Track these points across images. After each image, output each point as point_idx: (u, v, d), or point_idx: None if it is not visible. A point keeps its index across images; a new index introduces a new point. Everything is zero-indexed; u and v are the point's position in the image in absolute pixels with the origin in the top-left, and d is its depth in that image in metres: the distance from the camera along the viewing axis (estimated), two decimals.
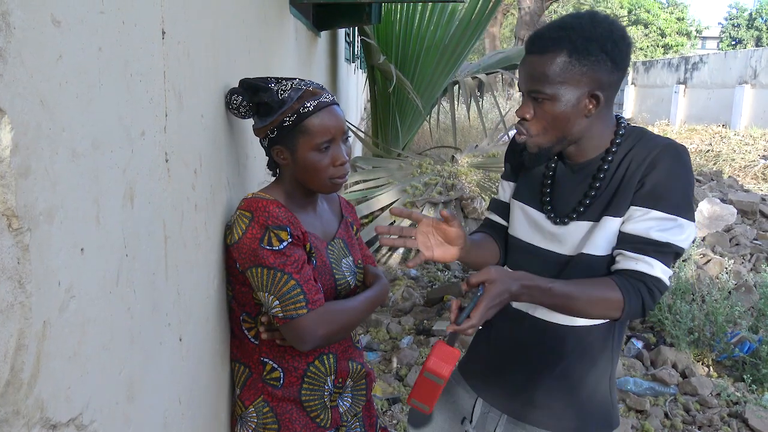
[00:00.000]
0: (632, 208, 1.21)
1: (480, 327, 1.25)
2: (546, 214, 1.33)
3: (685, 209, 1.19)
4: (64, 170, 0.65)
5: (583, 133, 1.25)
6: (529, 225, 1.37)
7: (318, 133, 1.27)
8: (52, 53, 0.63)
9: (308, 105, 1.27)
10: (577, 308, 1.21)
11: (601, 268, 1.25)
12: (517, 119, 1.28)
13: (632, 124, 1.30)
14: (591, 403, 1.35)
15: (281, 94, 1.27)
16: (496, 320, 1.19)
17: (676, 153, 1.20)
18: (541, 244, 1.34)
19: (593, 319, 1.27)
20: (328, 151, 1.29)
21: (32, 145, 0.59)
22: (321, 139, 1.27)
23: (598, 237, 1.24)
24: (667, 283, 1.22)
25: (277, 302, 1.21)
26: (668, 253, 1.20)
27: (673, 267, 1.40)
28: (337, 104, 1.33)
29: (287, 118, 1.27)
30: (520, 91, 1.28)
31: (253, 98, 1.28)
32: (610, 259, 1.25)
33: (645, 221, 1.19)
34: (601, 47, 1.17)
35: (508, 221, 1.46)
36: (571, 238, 1.29)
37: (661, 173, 1.18)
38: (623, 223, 1.22)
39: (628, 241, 1.21)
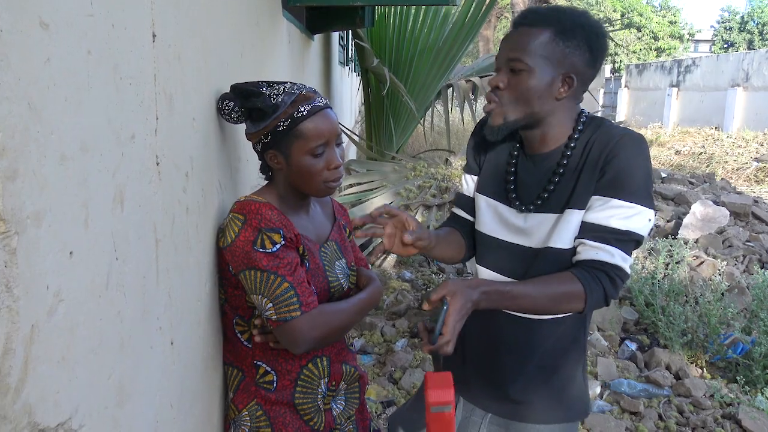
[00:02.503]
0: (593, 197, 1.23)
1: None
2: (510, 203, 1.35)
3: (644, 197, 1.21)
4: (52, 173, 0.65)
5: (547, 116, 1.27)
6: (495, 219, 1.39)
7: (312, 138, 1.27)
8: (39, 56, 0.62)
9: (302, 109, 1.27)
10: (540, 306, 1.22)
11: (568, 261, 1.27)
12: (489, 89, 1.30)
13: (593, 115, 1.33)
14: (569, 392, 1.38)
15: (274, 99, 1.27)
16: (469, 320, 1.20)
17: (634, 142, 1.22)
18: (508, 238, 1.36)
19: (559, 314, 1.29)
20: (322, 155, 1.29)
21: (20, 148, 0.59)
22: (315, 143, 1.27)
23: (563, 230, 1.26)
24: (628, 271, 1.23)
25: (271, 305, 1.21)
26: (628, 241, 1.22)
27: (633, 255, 1.43)
28: (330, 108, 1.33)
29: (281, 123, 1.26)
30: (497, 63, 1.30)
31: (246, 103, 1.27)
32: (575, 251, 1.27)
33: (605, 210, 1.21)
34: (585, 36, 1.23)
35: (473, 216, 1.48)
36: (536, 231, 1.31)
37: (621, 162, 1.20)
38: (585, 212, 1.24)
39: (588, 230, 1.23)
